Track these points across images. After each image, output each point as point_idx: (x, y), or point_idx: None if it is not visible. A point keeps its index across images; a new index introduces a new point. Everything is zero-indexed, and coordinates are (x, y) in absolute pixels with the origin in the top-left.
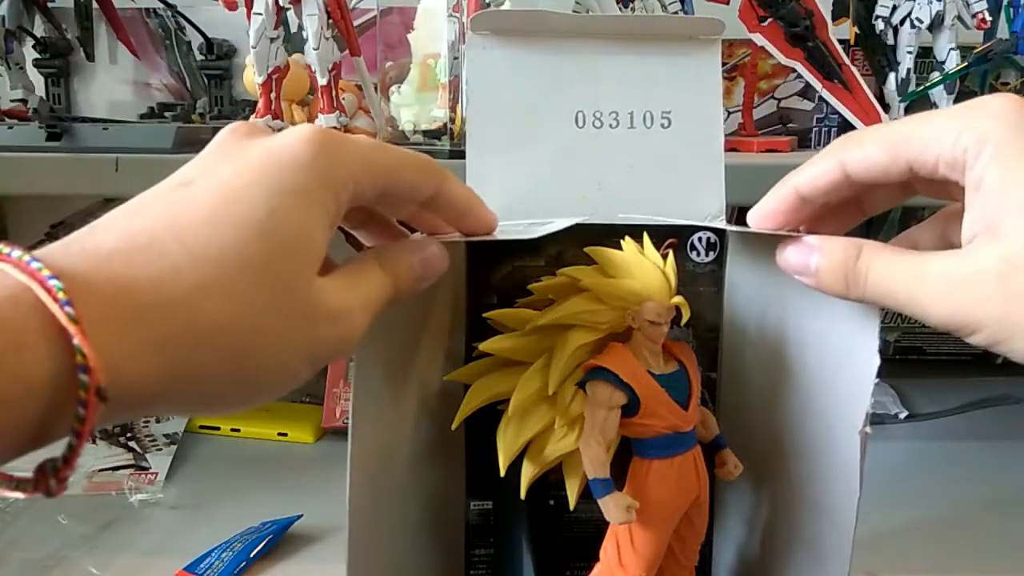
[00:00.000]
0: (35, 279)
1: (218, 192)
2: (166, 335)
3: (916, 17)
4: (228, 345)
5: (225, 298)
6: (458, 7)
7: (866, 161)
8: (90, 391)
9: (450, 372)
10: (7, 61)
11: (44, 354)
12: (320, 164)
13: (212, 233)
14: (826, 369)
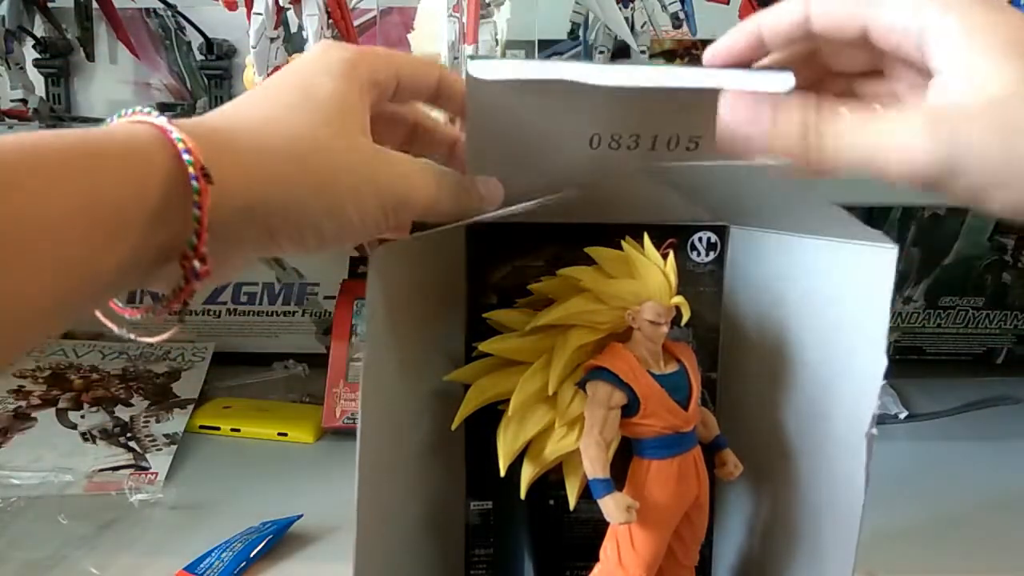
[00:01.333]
0: (152, 124)
1: (262, 91)
2: (242, 150)
3: None
4: (291, 155)
5: (284, 125)
6: (458, 7)
7: (828, 9)
8: (197, 165)
9: (450, 372)
10: (7, 61)
11: (162, 159)
12: (340, 54)
13: (268, 105)
14: (831, 369)
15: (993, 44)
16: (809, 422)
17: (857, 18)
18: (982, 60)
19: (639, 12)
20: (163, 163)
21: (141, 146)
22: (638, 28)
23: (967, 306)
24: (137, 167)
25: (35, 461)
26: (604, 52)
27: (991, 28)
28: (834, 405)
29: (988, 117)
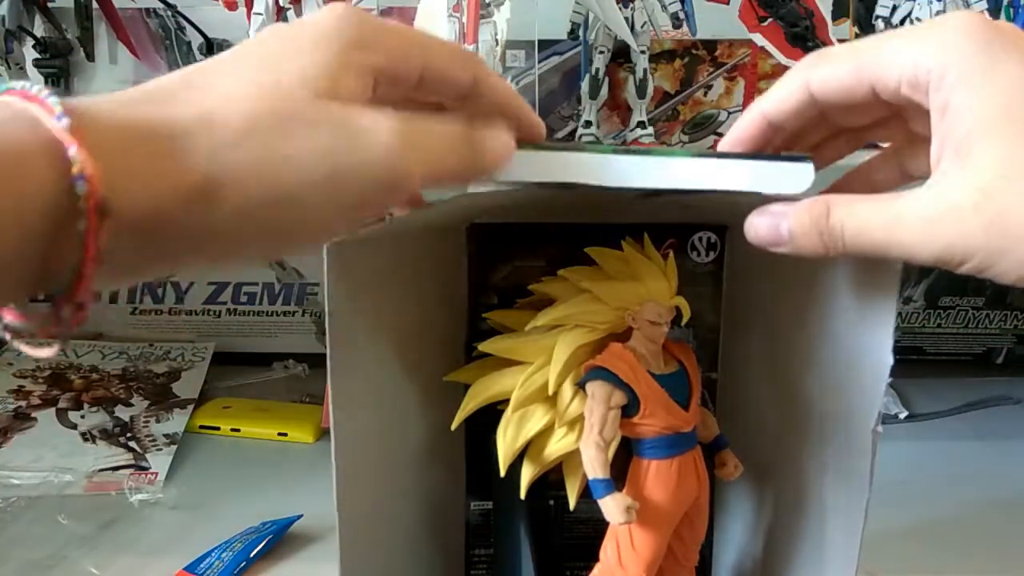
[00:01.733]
0: (34, 100)
1: (239, 48)
2: (183, 148)
3: (916, 17)
4: (255, 149)
5: (246, 103)
6: (458, 7)
7: (832, 80)
8: (90, 200)
9: (450, 372)
10: (7, 61)
11: (44, 165)
12: (346, 22)
13: (222, 74)
14: (835, 369)
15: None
16: (811, 422)
17: (863, 81)
18: (980, 133)
19: (639, 12)
20: (52, 192)
21: (14, 137)
22: (638, 28)
23: (967, 306)
24: (17, 207)
25: (35, 461)
26: (604, 52)
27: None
28: (838, 404)
29: (977, 214)
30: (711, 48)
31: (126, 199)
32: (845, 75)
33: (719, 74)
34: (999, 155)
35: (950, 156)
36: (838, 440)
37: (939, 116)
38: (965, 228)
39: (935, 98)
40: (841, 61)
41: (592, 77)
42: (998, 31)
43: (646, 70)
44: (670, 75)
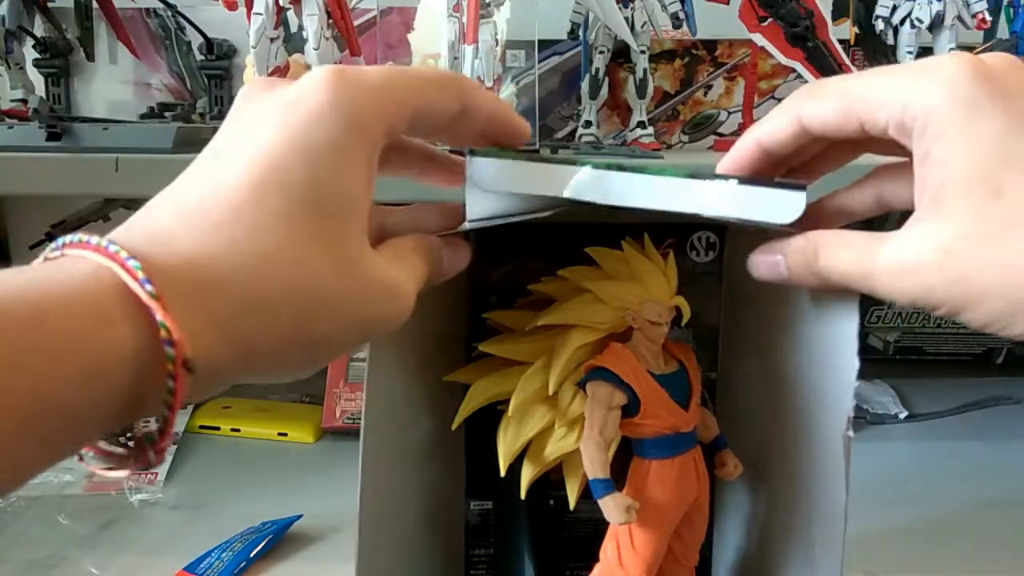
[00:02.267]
0: (115, 260)
1: (252, 157)
2: (234, 305)
3: (916, 17)
4: (291, 311)
5: (284, 265)
6: (458, 7)
7: (821, 117)
8: (177, 363)
9: (450, 372)
10: (7, 61)
11: (128, 329)
12: (343, 108)
13: (259, 201)
14: (813, 371)
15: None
16: (801, 423)
17: (851, 120)
18: (952, 188)
19: (639, 12)
20: (134, 349)
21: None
22: (638, 28)
23: None
24: (99, 361)
25: None
26: (604, 52)
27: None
28: (818, 406)
29: (940, 272)
30: (711, 48)
31: (202, 360)
32: (834, 112)
33: (719, 74)
34: (966, 214)
35: (926, 205)
36: (817, 443)
37: (920, 163)
38: (929, 283)
39: (918, 144)
40: (831, 98)
41: (592, 77)
42: (988, 81)
43: (646, 70)
44: (670, 75)
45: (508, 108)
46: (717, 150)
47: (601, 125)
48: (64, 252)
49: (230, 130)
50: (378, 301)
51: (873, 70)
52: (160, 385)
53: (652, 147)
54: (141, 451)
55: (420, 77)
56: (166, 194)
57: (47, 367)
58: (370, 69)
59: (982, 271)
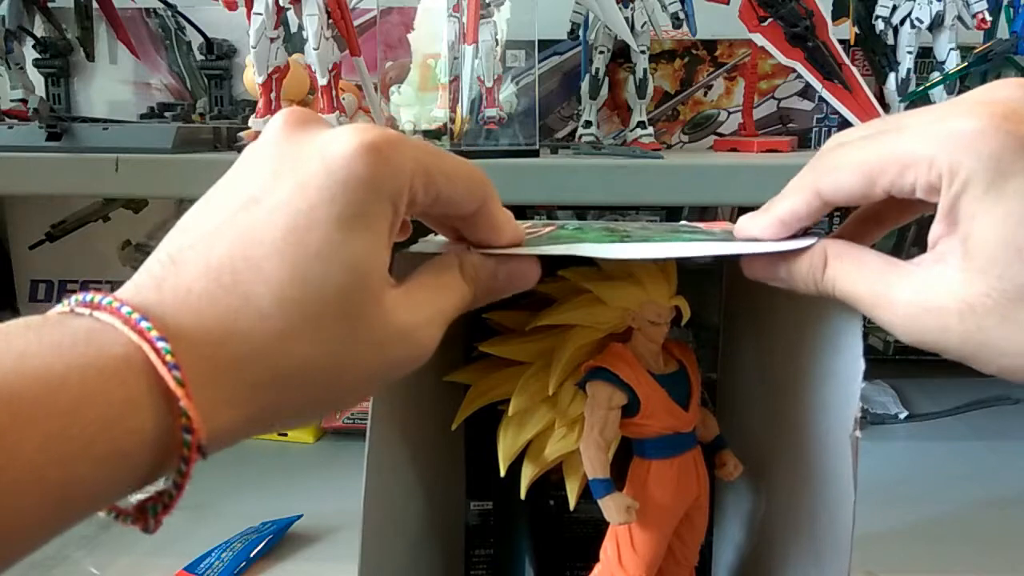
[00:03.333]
0: (145, 339)
1: (286, 217)
2: (255, 382)
3: (916, 17)
4: (311, 382)
5: (308, 340)
6: (458, 7)
7: (843, 190)
8: (192, 448)
9: (450, 372)
10: (7, 61)
11: (154, 412)
12: (380, 176)
13: (291, 272)
14: (816, 372)
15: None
16: (804, 424)
17: (875, 189)
18: (979, 243)
19: (639, 12)
20: (156, 432)
21: (131, 383)
22: (638, 28)
23: None
24: (126, 444)
25: None
26: (604, 52)
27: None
28: (822, 407)
29: (960, 322)
30: (711, 48)
31: (221, 436)
32: (855, 185)
33: (719, 74)
34: (990, 273)
35: (951, 248)
36: (823, 443)
37: (945, 211)
38: (945, 330)
39: (944, 198)
40: (847, 171)
41: (592, 77)
42: (1013, 136)
43: (646, 70)
44: (670, 75)
45: (516, 233)
46: (717, 150)
47: (601, 125)
48: (93, 315)
49: (262, 175)
50: (398, 350)
51: (880, 128)
52: (174, 462)
53: (652, 147)
54: (143, 517)
55: (456, 166)
56: (193, 241)
57: (80, 452)
58: (408, 139)
59: (1002, 329)
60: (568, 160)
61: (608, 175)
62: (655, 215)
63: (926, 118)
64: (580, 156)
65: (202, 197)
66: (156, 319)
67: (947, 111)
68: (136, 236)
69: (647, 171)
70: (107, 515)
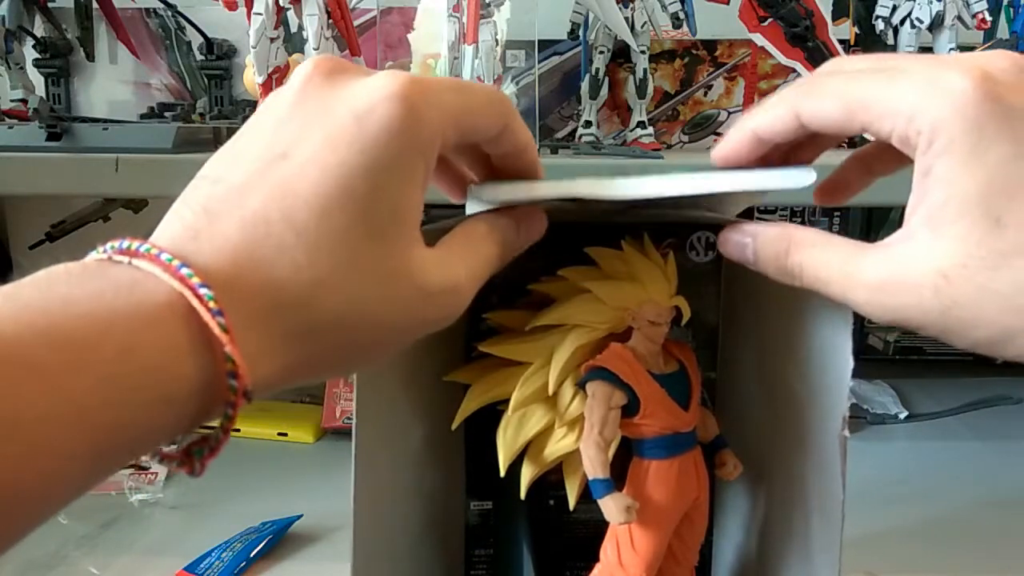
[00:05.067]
0: (187, 286)
1: (316, 169)
2: (289, 332)
3: (916, 17)
4: (342, 335)
5: (339, 293)
6: (458, 7)
7: (821, 115)
8: (239, 394)
9: (450, 372)
10: (7, 61)
11: (198, 359)
12: (410, 126)
13: (321, 222)
14: (810, 371)
15: (972, 191)
16: (798, 423)
17: (853, 123)
18: (954, 210)
19: (639, 12)
20: (202, 378)
21: (176, 331)
22: (638, 28)
23: None
24: (172, 390)
25: None
26: (604, 52)
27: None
28: (815, 406)
29: (936, 297)
30: (711, 48)
31: (261, 384)
32: (835, 114)
33: (719, 74)
34: (965, 241)
35: (923, 221)
36: (814, 442)
37: (920, 177)
38: (923, 305)
39: (921, 160)
40: (831, 98)
41: (592, 77)
42: (997, 102)
43: (646, 70)
44: (670, 75)
45: (534, 156)
46: None
47: (601, 125)
48: (132, 262)
49: (291, 126)
50: (428, 309)
51: (875, 66)
52: (219, 408)
53: (652, 147)
54: (189, 460)
55: (476, 95)
56: (226, 194)
57: (129, 397)
58: (435, 82)
59: (979, 299)
60: (568, 160)
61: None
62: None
63: (919, 68)
64: (580, 156)
65: (226, 146)
66: (197, 267)
67: (941, 67)
68: (136, 236)
69: (647, 171)
70: (151, 458)
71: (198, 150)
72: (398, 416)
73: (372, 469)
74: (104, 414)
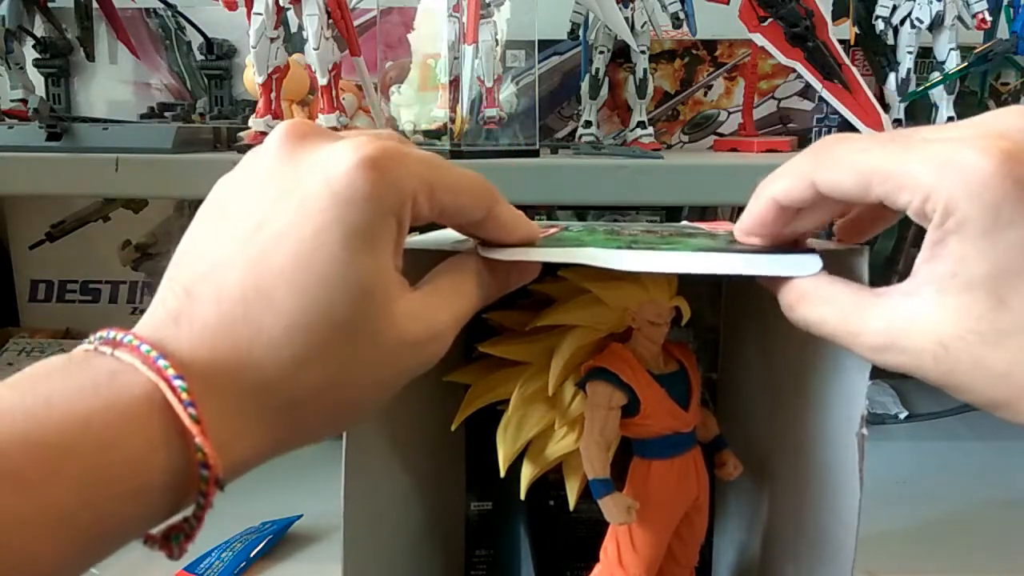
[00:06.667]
0: (163, 378)
1: (291, 242)
2: (271, 410)
3: (916, 17)
4: (326, 403)
5: (319, 364)
6: (458, 7)
7: (837, 187)
8: (210, 483)
9: (450, 372)
10: (7, 61)
11: (171, 450)
12: (381, 192)
13: (299, 299)
14: (821, 370)
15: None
16: (808, 423)
17: (870, 195)
18: (961, 283)
19: (639, 12)
20: (176, 468)
21: (151, 423)
22: (638, 28)
23: None
24: (148, 481)
25: None
26: (604, 52)
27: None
28: (828, 405)
29: (935, 363)
30: (711, 48)
31: (240, 466)
32: (851, 186)
33: (719, 74)
34: (968, 316)
35: (929, 279)
36: (828, 442)
37: (932, 243)
38: (923, 368)
39: (934, 231)
40: (847, 172)
41: (592, 77)
42: (1018, 184)
43: (646, 70)
44: (670, 75)
45: (525, 220)
46: (717, 150)
47: (601, 125)
48: (114, 354)
49: (265, 195)
50: (408, 359)
51: (888, 141)
52: (192, 496)
53: (652, 147)
54: (167, 545)
55: (459, 177)
56: (207, 271)
57: (107, 492)
58: (415, 155)
59: (973, 372)
60: (568, 160)
61: (608, 175)
62: (655, 215)
63: (936, 140)
64: (580, 156)
65: (205, 213)
66: (173, 356)
67: (958, 140)
68: (136, 236)
69: (647, 171)
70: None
71: (198, 150)
72: (397, 417)
73: (364, 469)
74: (85, 512)
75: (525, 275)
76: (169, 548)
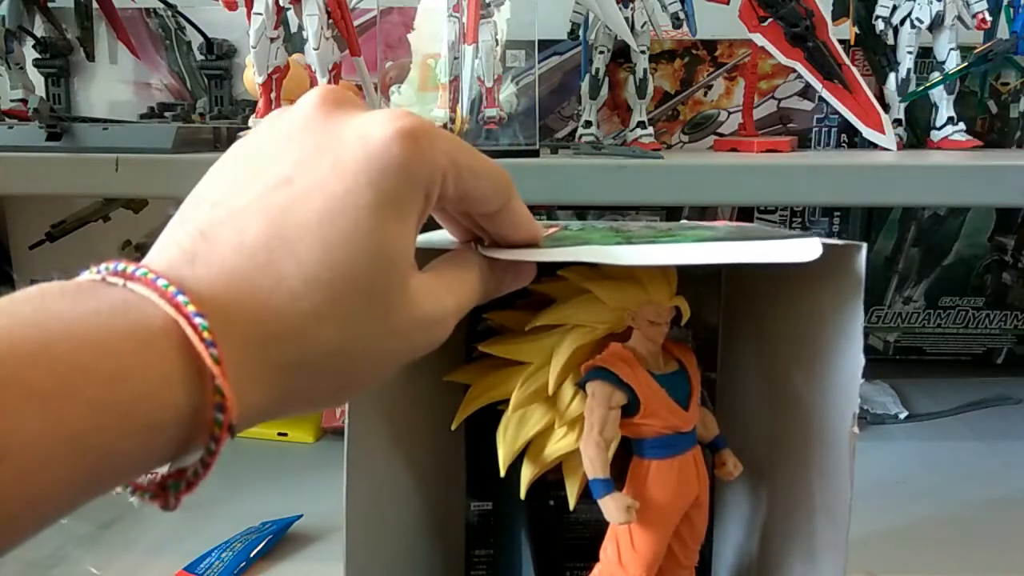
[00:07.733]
0: (182, 314)
1: (320, 198)
2: (281, 363)
3: (916, 17)
4: (335, 366)
5: (335, 324)
6: (458, 7)
7: None
8: (223, 427)
9: (450, 372)
10: (7, 61)
11: (187, 387)
12: (414, 165)
13: (322, 255)
14: (816, 370)
15: None
16: (799, 422)
17: None
18: None
19: (639, 12)
20: (190, 407)
21: (168, 357)
22: (638, 28)
23: (967, 306)
24: (160, 418)
25: None
26: (604, 52)
27: None
28: (822, 404)
29: None
30: (711, 48)
31: (247, 415)
32: None
33: (719, 74)
34: None
35: None
36: (822, 440)
37: None
38: None
39: None
40: None
41: (592, 77)
42: None
43: (646, 70)
44: (670, 75)
45: (534, 231)
46: (717, 150)
47: (601, 125)
48: (127, 285)
49: (297, 154)
50: (418, 337)
51: None
52: (202, 440)
53: (652, 147)
54: (163, 494)
55: (483, 164)
56: (226, 218)
57: (118, 424)
58: (444, 136)
59: None
60: (568, 160)
61: (608, 175)
62: (655, 215)
63: None
64: (580, 156)
65: (224, 164)
66: (192, 293)
67: None
68: (136, 236)
69: (647, 171)
70: (124, 490)
71: (198, 150)
72: (397, 416)
73: (366, 468)
74: (94, 439)
75: (520, 278)
76: (165, 498)
